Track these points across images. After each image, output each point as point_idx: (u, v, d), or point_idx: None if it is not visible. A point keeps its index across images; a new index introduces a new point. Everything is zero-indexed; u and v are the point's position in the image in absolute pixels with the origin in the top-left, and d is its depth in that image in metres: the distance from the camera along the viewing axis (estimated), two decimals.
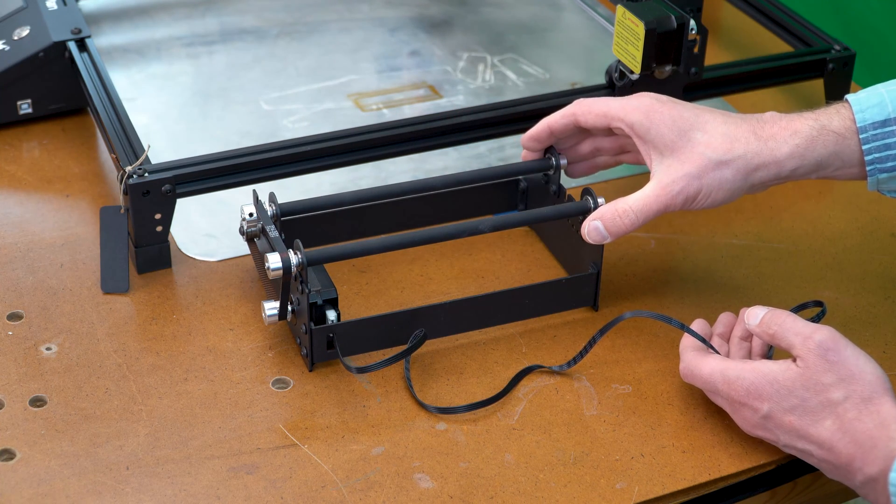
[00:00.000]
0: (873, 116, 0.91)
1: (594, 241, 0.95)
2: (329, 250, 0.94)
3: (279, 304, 0.94)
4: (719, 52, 1.38)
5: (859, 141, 0.91)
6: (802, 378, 0.84)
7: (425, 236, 0.97)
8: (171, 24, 1.39)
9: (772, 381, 0.85)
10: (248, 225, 0.97)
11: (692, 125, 0.93)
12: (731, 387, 0.87)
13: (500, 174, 1.04)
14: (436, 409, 0.92)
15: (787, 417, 0.84)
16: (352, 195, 1.01)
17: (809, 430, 0.84)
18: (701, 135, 0.93)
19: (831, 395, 0.83)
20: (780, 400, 0.84)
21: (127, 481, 0.86)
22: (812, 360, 0.84)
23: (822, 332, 0.85)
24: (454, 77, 1.32)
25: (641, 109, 0.94)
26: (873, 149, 0.91)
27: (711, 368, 0.88)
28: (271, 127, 1.24)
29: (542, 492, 0.86)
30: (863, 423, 0.82)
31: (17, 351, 0.96)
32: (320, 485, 0.86)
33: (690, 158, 0.92)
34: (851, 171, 0.93)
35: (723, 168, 0.92)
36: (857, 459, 0.82)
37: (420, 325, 0.96)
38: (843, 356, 0.84)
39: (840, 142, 0.92)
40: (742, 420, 0.87)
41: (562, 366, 0.95)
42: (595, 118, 0.97)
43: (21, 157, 1.17)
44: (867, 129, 0.91)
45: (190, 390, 0.93)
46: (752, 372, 0.86)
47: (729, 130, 0.93)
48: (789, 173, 0.92)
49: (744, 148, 0.92)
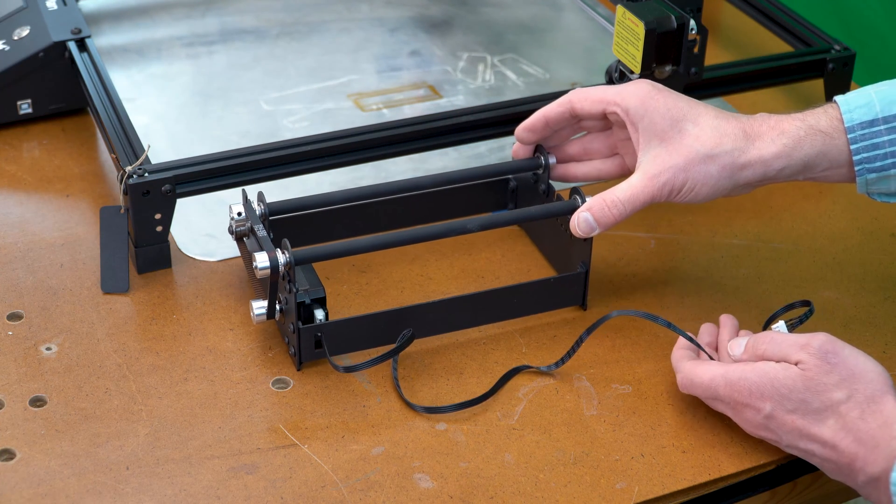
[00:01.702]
0: (861, 116, 0.91)
1: (584, 232, 0.95)
2: (317, 249, 0.94)
3: (267, 304, 0.94)
4: (719, 52, 1.38)
5: (847, 141, 0.91)
6: (804, 379, 0.84)
7: (414, 235, 0.97)
8: (171, 24, 1.39)
9: (773, 381, 0.85)
10: (237, 224, 0.98)
11: (685, 116, 0.93)
12: (734, 388, 0.86)
13: (489, 173, 1.05)
14: (423, 409, 0.92)
15: (789, 417, 0.84)
16: (341, 194, 1.01)
17: (812, 429, 0.84)
18: (692, 127, 0.93)
19: (834, 395, 0.83)
20: (783, 400, 0.84)
21: (127, 481, 0.86)
22: (814, 362, 0.84)
23: (818, 338, 0.85)
24: (454, 77, 1.32)
25: (638, 95, 0.95)
26: (861, 148, 0.91)
27: (713, 374, 0.88)
28: (271, 127, 1.24)
29: (542, 492, 0.86)
30: (866, 423, 0.82)
31: (17, 351, 0.96)
32: (320, 485, 0.86)
33: (678, 150, 0.93)
34: (840, 171, 0.93)
35: (709, 163, 0.92)
36: (859, 459, 0.82)
37: (409, 324, 0.96)
38: (842, 357, 0.84)
39: (828, 141, 0.92)
40: (745, 421, 0.87)
41: (550, 366, 0.95)
42: (591, 104, 0.97)
43: (21, 157, 1.17)
44: (855, 129, 0.91)
45: (190, 390, 0.93)
46: (753, 372, 0.86)
47: (719, 125, 0.93)
48: (776, 173, 0.92)
49: (731, 144, 0.92)
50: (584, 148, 1.03)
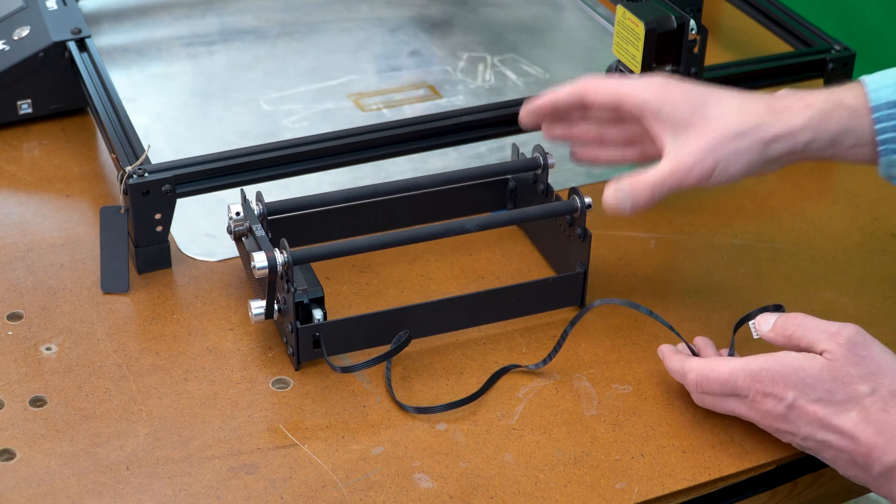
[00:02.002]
0: (888, 96, 0.90)
1: (617, 203, 0.92)
2: (315, 249, 0.94)
3: (265, 303, 0.94)
4: (719, 52, 1.38)
5: (872, 120, 0.90)
6: (830, 369, 0.83)
7: (412, 235, 0.97)
8: (171, 24, 1.39)
9: (797, 370, 0.84)
10: (235, 224, 0.98)
11: (706, 100, 0.92)
12: (756, 378, 0.85)
13: (488, 173, 1.05)
14: (414, 409, 0.92)
15: (812, 407, 0.84)
16: (339, 194, 1.01)
17: (833, 420, 0.83)
18: (715, 108, 0.91)
19: (859, 388, 0.83)
20: (807, 389, 0.84)
21: (127, 481, 0.86)
22: (841, 353, 0.83)
23: (849, 329, 0.84)
24: (454, 77, 1.32)
25: (653, 87, 0.94)
26: (887, 128, 0.90)
27: (731, 367, 0.87)
28: (271, 127, 1.24)
29: (542, 492, 0.86)
30: (888, 415, 0.82)
31: (17, 351, 0.96)
32: (320, 485, 0.86)
33: (705, 132, 0.91)
34: (864, 150, 0.91)
35: (737, 140, 0.90)
36: (877, 449, 0.82)
37: (406, 324, 0.96)
38: (871, 351, 0.84)
39: (854, 117, 0.90)
40: (763, 414, 0.86)
41: (538, 364, 0.95)
42: (606, 95, 0.95)
43: (21, 157, 1.17)
44: (881, 108, 0.90)
45: (190, 390, 0.93)
46: (775, 362, 0.85)
47: (743, 103, 0.92)
48: (804, 147, 0.91)
49: (758, 119, 0.90)
50: (601, 134, 1.01)
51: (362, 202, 1.04)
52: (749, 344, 0.92)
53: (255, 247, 0.94)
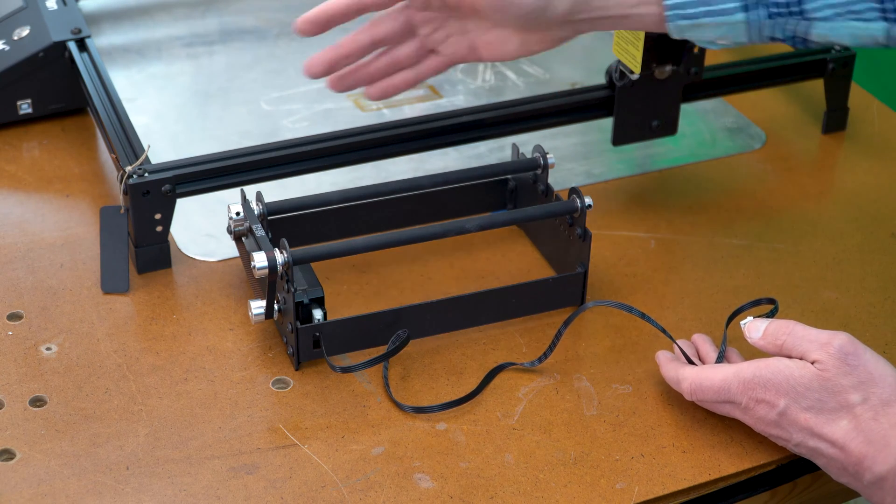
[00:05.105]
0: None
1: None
2: (315, 249, 0.94)
3: (265, 303, 0.94)
4: (719, 53, 1.38)
5: None
6: (821, 379, 0.83)
7: (411, 235, 0.97)
8: (171, 24, 1.39)
9: (788, 378, 0.84)
10: (235, 224, 0.98)
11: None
12: (749, 385, 0.85)
13: (487, 173, 1.05)
14: (411, 409, 0.92)
15: (803, 415, 0.84)
16: (339, 194, 1.01)
17: (824, 429, 0.83)
18: None
19: (850, 397, 0.83)
20: (798, 398, 0.84)
21: (127, 481, 0.86)
22: (832, 363, 0.83)
23: (840, 338, 0.84)
24: (454, 77, 1.32)
25: None
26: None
27: (724, 374, 0.87)
28: (271, 127, 1.24)
29: (542, 492, 0.86)
30: (878, 424, 0.82)
31: (17, 351, 0.96)
32: (320, 485, 0.86)
33: None
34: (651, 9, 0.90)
35: None
36: (867, 458, 0.82)
37: (406, 324, 0.96)
38: (862, 360, 0.83)
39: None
40: (756, 419, 0.86)
41: (533, 362, 0.95)
42: None
43: (21, 157, 1.17)
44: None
45: (190, 390, 0.93)
46: (767, 369, 0.85)
47: None
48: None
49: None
50: (392, 60, 0.99)
51: (362, 202, 1.04)
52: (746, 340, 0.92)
53: (255, 247, 0.94)
